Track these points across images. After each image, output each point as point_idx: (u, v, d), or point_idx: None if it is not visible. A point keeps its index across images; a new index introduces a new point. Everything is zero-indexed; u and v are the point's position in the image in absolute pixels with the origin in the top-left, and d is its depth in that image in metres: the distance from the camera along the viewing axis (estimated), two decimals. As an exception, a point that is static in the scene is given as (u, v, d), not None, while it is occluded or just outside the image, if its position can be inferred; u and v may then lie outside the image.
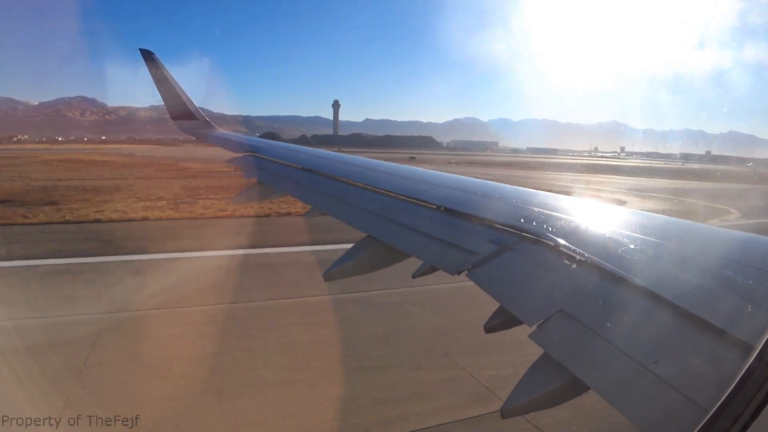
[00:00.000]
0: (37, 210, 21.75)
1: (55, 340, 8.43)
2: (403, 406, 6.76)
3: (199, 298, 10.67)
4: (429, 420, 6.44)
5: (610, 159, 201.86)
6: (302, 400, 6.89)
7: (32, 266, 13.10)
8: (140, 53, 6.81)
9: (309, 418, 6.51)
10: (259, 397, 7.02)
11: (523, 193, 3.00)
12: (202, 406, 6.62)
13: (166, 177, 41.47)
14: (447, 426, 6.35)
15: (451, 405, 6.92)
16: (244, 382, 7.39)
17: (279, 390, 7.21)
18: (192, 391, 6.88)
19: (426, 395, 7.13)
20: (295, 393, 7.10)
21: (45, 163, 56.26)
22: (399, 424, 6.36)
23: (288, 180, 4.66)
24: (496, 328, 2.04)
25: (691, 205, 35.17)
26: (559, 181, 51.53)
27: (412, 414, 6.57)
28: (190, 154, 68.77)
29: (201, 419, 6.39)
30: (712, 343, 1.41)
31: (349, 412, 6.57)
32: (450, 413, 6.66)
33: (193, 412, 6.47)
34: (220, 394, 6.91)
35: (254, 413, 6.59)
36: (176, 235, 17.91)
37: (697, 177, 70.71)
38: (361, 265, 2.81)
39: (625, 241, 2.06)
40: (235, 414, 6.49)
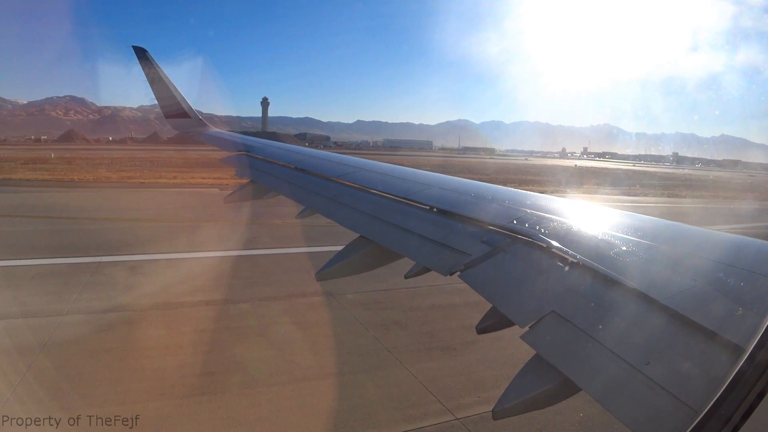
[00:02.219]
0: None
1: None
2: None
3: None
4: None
5: (585, 160, 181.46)
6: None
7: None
8: (133, 51, 6.79)
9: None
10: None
11: (516, 194, 3.01)
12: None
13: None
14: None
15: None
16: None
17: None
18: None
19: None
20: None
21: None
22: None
23: (281, 179, 4.65)
24: (488, 329, 2.04)
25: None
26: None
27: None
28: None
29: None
30: (703, 346, 1.42)
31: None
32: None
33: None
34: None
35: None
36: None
37: (683, 185, 56.32)
38: (353, 265, 2.81)
39: (618, 243, 2.06)
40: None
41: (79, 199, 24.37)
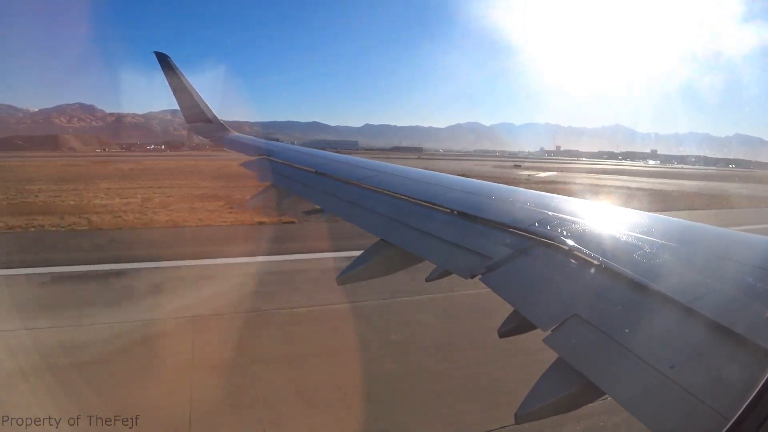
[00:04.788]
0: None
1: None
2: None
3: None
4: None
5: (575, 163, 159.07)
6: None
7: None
8: (156, 56, 6.83)
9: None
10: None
11: (537, 196, 2.99)
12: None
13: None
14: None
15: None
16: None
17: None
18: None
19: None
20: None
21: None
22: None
23: (301, 183, 4.67)
24: (510, 333, 2.03)
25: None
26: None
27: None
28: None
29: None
30: (731, 350, 1.40)
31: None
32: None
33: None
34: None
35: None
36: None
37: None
38: (374, 268, 2.80)
39: (641, 244, 2.04)
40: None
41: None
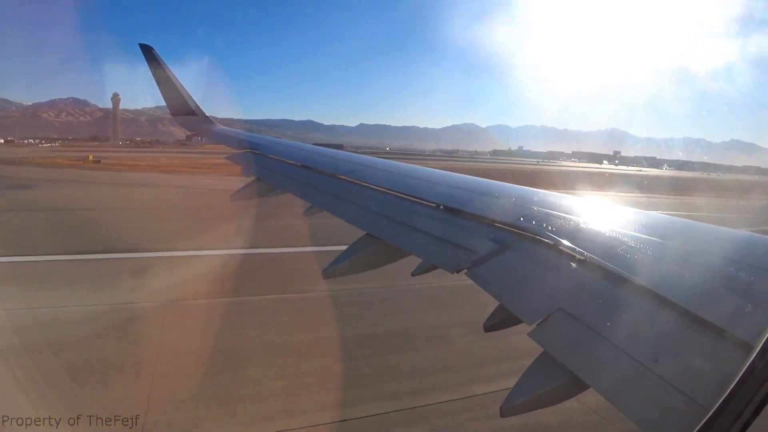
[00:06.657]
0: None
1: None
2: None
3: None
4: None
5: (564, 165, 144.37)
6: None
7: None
8: (140, 48, 6.74)
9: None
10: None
11: (524, 191, 2.99)
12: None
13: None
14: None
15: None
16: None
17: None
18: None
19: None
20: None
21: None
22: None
23: (287, 177, 4.64)
24: (495, 327, 2.04)
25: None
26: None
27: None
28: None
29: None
30: (712, 343, 1.41)
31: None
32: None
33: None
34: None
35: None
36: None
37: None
38: (360, 263, 2.79)
39: (626, 240, 2.05)
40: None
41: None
